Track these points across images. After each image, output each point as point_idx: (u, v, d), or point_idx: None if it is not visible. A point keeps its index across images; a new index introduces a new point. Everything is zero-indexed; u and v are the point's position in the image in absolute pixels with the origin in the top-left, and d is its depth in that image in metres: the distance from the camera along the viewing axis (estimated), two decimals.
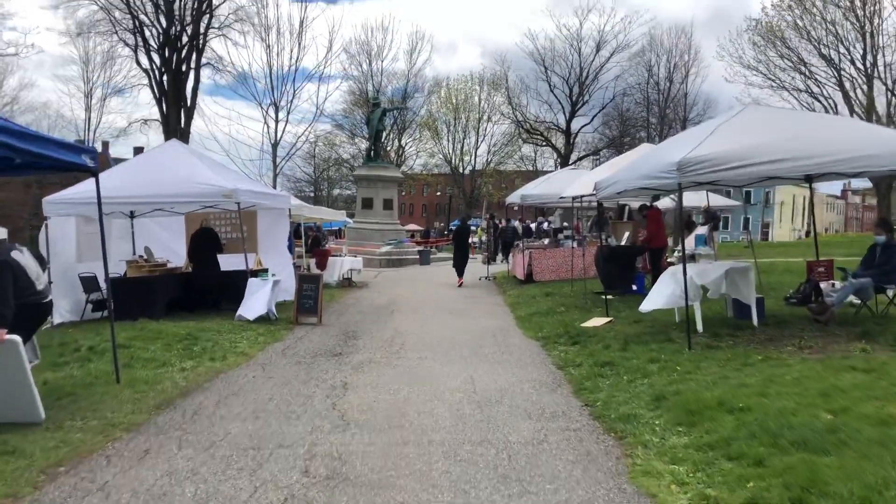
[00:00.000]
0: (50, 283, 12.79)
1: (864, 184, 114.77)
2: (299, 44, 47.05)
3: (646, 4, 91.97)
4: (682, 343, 8.45)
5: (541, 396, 7.02)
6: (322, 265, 19.77)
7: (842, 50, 32.29)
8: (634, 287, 14.08)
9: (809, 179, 11.09)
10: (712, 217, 22.13)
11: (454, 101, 59.11)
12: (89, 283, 12.81)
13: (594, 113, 55.44)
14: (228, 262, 14.60)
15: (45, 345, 9.11)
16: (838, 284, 10.59)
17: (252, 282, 12.37)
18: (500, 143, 61.40)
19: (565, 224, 25.02)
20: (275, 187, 35.12)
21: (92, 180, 13.51)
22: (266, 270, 12.64)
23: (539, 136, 57.06)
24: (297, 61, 47.84)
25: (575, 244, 17.73)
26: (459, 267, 20.66)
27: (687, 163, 8.00)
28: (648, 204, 15.06)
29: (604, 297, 13.75)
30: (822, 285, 10.93)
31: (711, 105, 54.04)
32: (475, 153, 61.62)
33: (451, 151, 61.85)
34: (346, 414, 6.45)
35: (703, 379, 6.80)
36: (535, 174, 54.70)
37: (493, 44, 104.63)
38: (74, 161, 7.06)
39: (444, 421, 6.20)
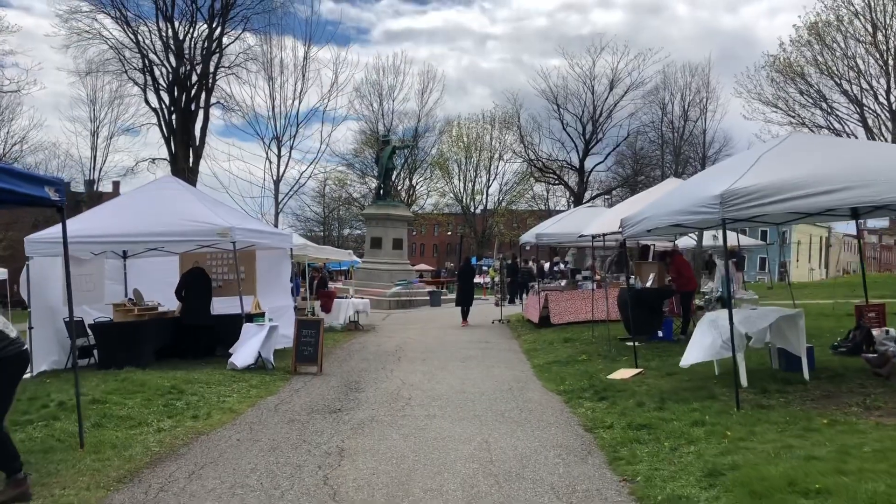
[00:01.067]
0: (30, 328, 12.04)
1: (881, 223, 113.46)
2: (303, 76, 46.23)
3: (659, 42, 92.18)
4: (728, 401, 7.41)
5: (569, 468, 5.97)
6: (327, 307, 18.83)
7: (864, 85, 31.50)
8: (661, 333, 13.02)
9: (856, 215, 10.12)
10: (735, 256, 21.14)
11: (465, 139, 58.62)
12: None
13: (608, 151, 54.74)
14: (225, 305, 13.74)
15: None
16: (893, 332, 9.53)
17: (247, 327, 11.43)
18: (512, 181, 60.77)
19: (587, 265, 24.07)
20: (276, 225, 34.09)
21: (82, 216, 12.80)
22: (263, 315, 11.69)
23: (552, 175, 56.35)
24: (300, 93, 46.55)
25: (594, 286, 16.72)
26: (463, 306, 20.88)
27: (732, 195, 7.06)
28: (670, 250, 14.11)
29: (631, 343, 12.72)
30: (875, 332, 9.88)
31: (728, 143, 53.20)
32: (486, 192, 60.95)
33: (462, 190, 61.21)
34: (340, 491, 5.43)
35: (762, 449, 5.74)
36: (548, 213, 53.91)
37: (504, 84, 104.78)
38: (35, 194, 6.19)
39: (455, 502, 5.17)
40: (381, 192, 33.24)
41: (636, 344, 12.80)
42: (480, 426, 7.53)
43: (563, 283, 18.21)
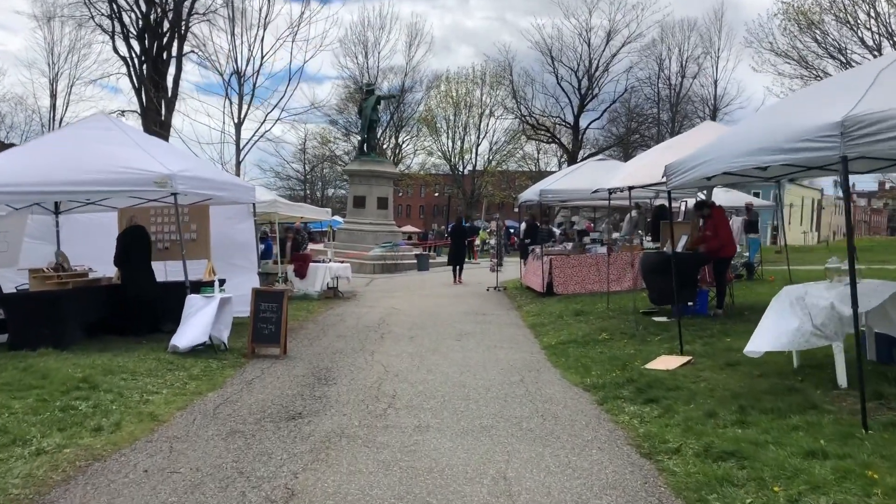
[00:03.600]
0: None
1: (869, 186, 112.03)
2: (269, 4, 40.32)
3: None
4: (839, 413, 5.33)
5: None
6: (302, 272, 16.61)
7: (883, 31, 29.23)
8: (690, 304, 10.92)
9: None
10: (749, 214, 19.08)
11: (455, 94, 55.86)
12: None
13: (604, 107, 52.22)
14: (176, 271, 11.55)
15: None
16: None
17: (191, 299, 9.20)
18: (502, 140, 58.24)
19: (590, 225, 22.05)
20: (238, 175, 30.17)
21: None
22: (212, 284, 9.47)
23: (545, 133, 53.84)
24: (265, 19, 40.93)
25: (615, 248, 14.63)
26: (455, 265, 21.44)
27: (859, 123, 4.89)
28: (706, 200, 11.96)
29: (660, 319, 10.66)
30: None
31: (740, 93, 50.95)
32: (476, 151, 58.40)
33: (450, 149, 58.64)
34: None
35: None
36: (539, 174, 51.56)
37: (489, 43, 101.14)
38: None
39: None
40: (365, 146, 30.73)
41: (666, 319, 10.77)
42: (492, 445, 5.41)
43: (570, 246, 16.05)
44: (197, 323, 8.88)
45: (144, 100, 40.77)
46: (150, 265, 10.65)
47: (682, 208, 15.20)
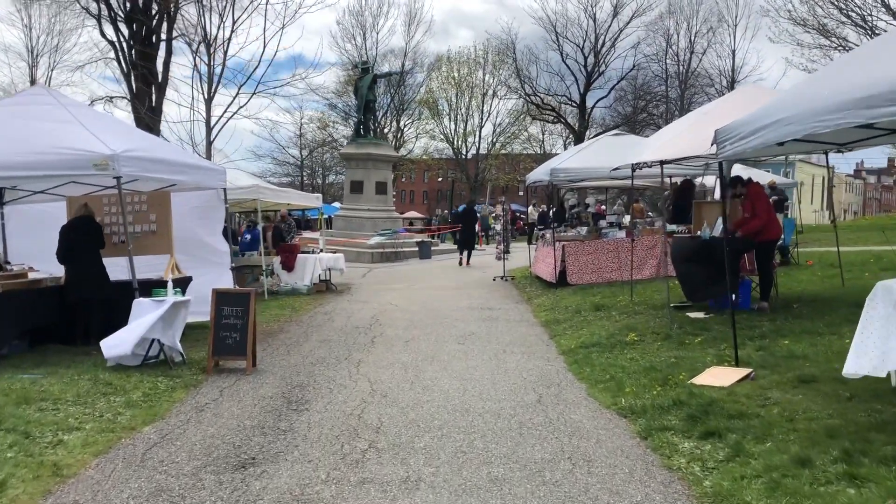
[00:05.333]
0: None
1: (878, 162, 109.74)
2: None
3: None
4: None
5: None
6: (289, 265, 15.11)
7: None
8: (734, 297, 9.34)
9: None
10: (776, 194, 17.48)
11: (457, 75, 54.04)
12: None
13: (611, 85, 50.33)
14: (146, 267, 10.11)
15: None
16: None
17: (139, 304, 7.70)
18: (506, 122, 56.44)
19: (602, 208, 20.45)
20: (209, 158, 25.24)
21: None
22: (167, 284, 7.94)
23: (550, 112, 52.01)
24: None
25: (636, 232, 13.10)
26: (462, 247, 21.91)
27: None
28: (739, 177, 10.43)
29: (696, 315, 9.13)
30: None
31: (760, 65, 49.02)
32: (479, 134, 56.65)
33: (452, 132, 56.89)
34: None
35: None
36: (544, 156, 49.84)
37: (487, 27, 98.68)
38: None
39: None
40: (362, 128, 29.07)
41: (703, 315, 9.27)
42: None
43: (584, 231, 14.50)
44: (136, 330, 7.36)
45: (134, 85, 39.19)
46: (101, 262, 9.13)
47: (715, 186, 13.59)
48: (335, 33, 48.22)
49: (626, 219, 17.21)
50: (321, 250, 16.19)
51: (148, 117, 32.76)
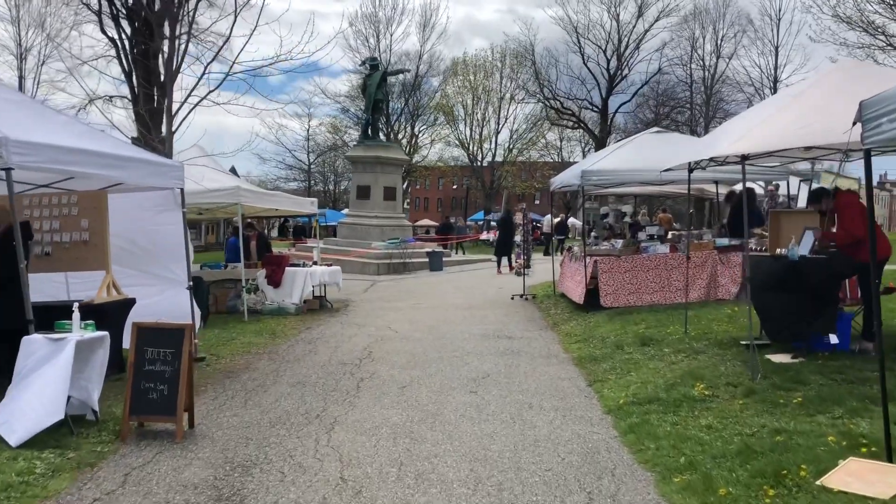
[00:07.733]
0: None
1: None
2: None
3: None
4: None
5: None
6: (275, 280, 13.04)
7: None
8: (834, 339, 7.14)
9: None
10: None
11: (473, 78, 51.96)
12: None
13: (635, 89, 48.11)
14: (83, 283, 8.21)
15: None
16: None
17: (29, 344, 5.60)
18: (524, 127, 54.27)
19: (638, 218, 18.28)
20: (170, 153, 22.86)
21: None
22: (73, 317, 5.85)
23: (570, 118, 49.82)
24: None
25: (686, 247, 10.92)
26: (500, 255, 21.85)
27: None
28: (824, 188, 8.31)
29: (782, 360, 6.94)
30: None
31: (808, 61, 46.38)
32: (495, 139, 54.49)
33: (468, 138, 54.77)
34: None
35: None
36: (562, 164, 47.67)
37: (500, 36, 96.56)
38: None
39: None
40: (370, 129, 27.02)
41: (791, 359, 7.10)
42: None
43: (619, 244, 12.32)
44: (37, 392, 5.27)
45: (136, 84, 37.46)
46: (19, 281, 7.08)
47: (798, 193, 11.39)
48: (347, 35, 46.20)
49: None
50: (314, 263, 14.07)
51: (148, 115, 31.06)
